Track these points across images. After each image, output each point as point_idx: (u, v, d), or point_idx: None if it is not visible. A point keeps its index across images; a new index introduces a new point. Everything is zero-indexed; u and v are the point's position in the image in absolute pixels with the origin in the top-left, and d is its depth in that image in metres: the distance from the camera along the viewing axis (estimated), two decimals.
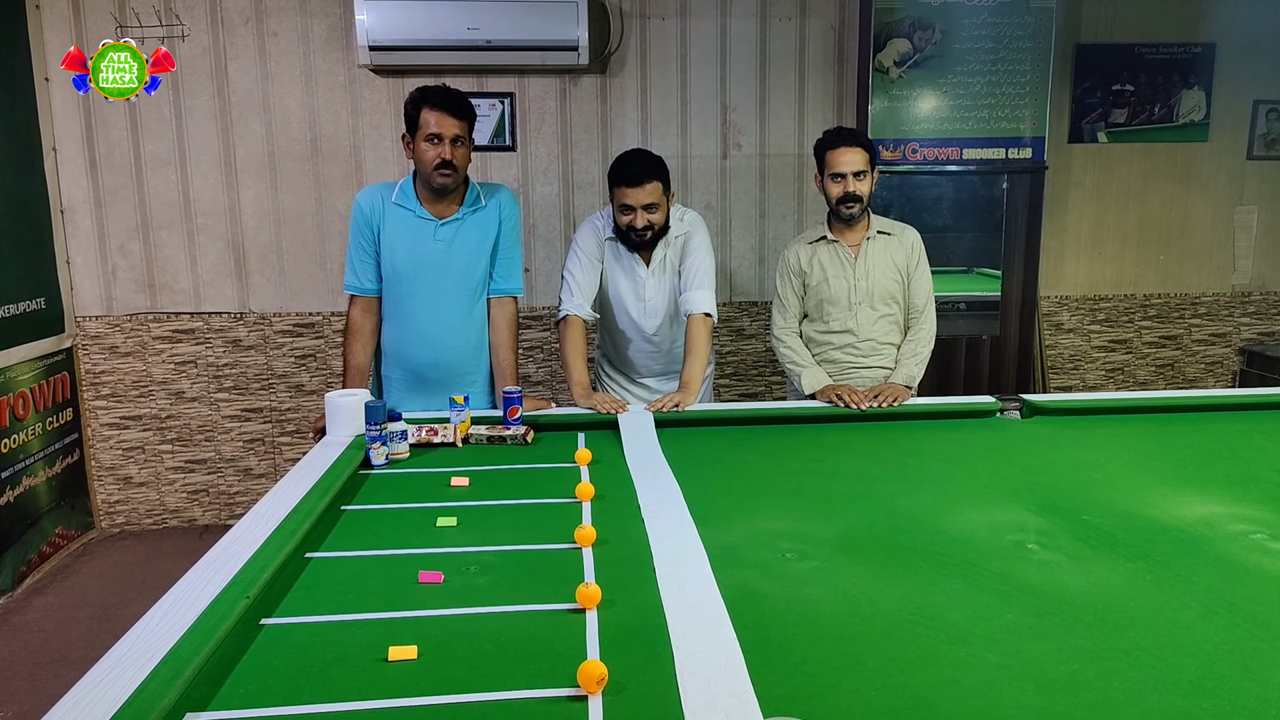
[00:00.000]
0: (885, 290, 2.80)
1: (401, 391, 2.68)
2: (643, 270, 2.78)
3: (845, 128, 2.83)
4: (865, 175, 2.71)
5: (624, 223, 2.67)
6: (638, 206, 2.62)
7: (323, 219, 3.97)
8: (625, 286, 2.80)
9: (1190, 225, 4.34)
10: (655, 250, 2.76)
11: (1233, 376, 4.49)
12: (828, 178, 2.74)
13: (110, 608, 3.36)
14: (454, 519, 1.75)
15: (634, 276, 2.79)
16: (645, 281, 2.78)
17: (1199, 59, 4.16)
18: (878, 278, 2.79)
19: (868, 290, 2.79)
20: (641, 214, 2.63)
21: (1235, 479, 2.01)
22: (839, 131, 2.78)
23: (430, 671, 1.19)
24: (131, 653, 1.17)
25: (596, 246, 2.78)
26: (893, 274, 2.80)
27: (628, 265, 2.79)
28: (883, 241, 2.82)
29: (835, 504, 1.88)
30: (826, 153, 2.72)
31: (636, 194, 2.61)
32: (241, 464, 4.13)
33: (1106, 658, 1.22)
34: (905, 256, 2.82)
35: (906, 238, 2.84)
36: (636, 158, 2.66)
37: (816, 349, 2.86)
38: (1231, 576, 1.49)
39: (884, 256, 2.80)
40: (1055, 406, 2.60)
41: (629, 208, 2.63)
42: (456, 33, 3.64)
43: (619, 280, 2.80)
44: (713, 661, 1.17)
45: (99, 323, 3.97)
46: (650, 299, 2.80)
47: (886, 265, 2.80)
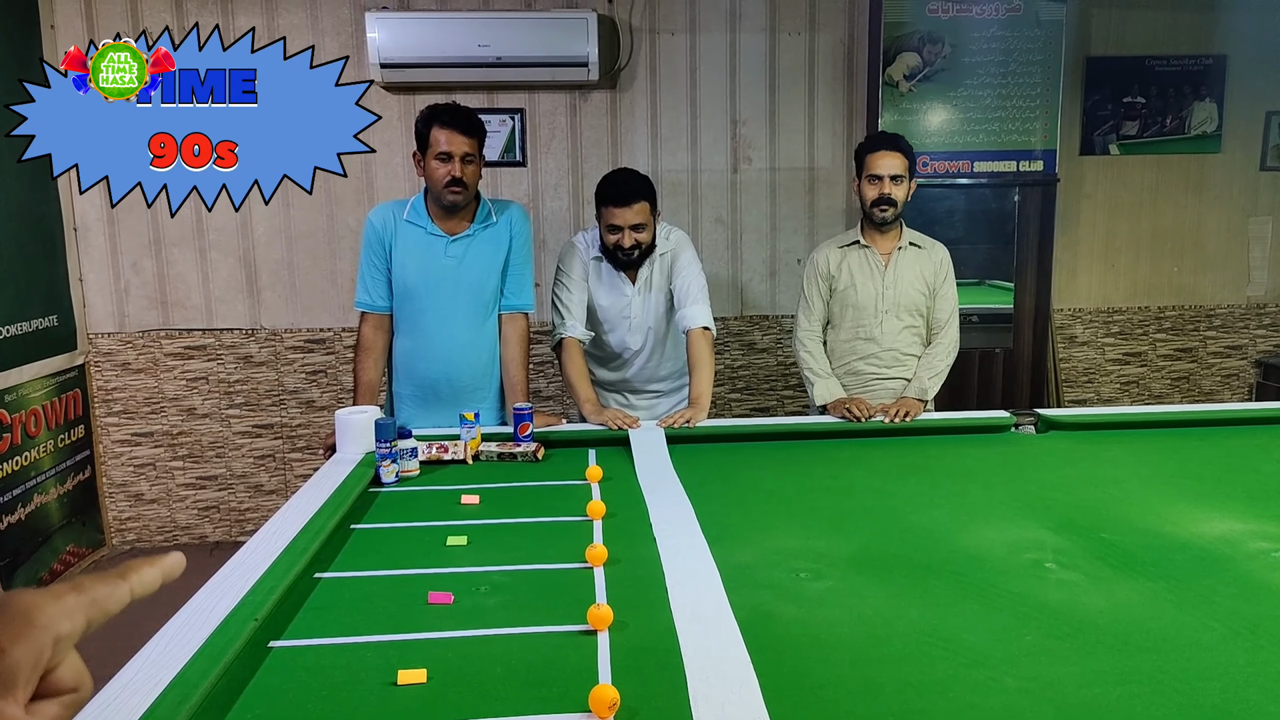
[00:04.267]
0: (911, 302, 2.78)
1: (413, 408, 2.68)
2: (629, 289, 2.77)
3: (887, 133, 2.82)
4: (902, 180, 2.70)
5: (611, 242, 2.67)
6: (625, 226, 2.62)
7: (334, 235, 3.98)
8: (611, 306, 2.80)
9: (1204, 237, 4.30)
10: (641, 269, 2.76)
11: (1249, 389, 4.44)
12: (865, 180, 2.73)
13: (119, 625, 3.30)
14: (464, 538, 1.74)
15: (620, 296, 2.79)
16: (631, 300, 2.78)
17: (1210, 71, 4.14)
18: (905, 289, 2.78)
19: (894, 299, 2.77)
20: (629, 234, 2.63)
21: (1256, 495, 1.98)
22: (880, 135, 2.79)
23: (439, 695, 1.17)
24: (139, 676, 1.15)
25: (581, 268, 2.78)
26: (920, 286, 2.79)
27: (613, 285, 2.79)
28: (913, 254, 2.80)
29: (849, 521, 1.86)
30: (866, 156, 2.72)
31: (624, 214, 2.61)
32: (252, 480, 4.13)
33: (1129, 681, 1.19)
34: (934, 271, 2.80)
35: (936, 253, 2.83)
36: (624, 178, 2.66)
37: (839, 361, 2.84)
38: (1254, 596, 1.46)
39: (913, 269, 2.79)
40: (1071, 421, 2.57)
41: (617, 228, 2.63)
42: (467, 50, 3.65)
43: (604, 300, 2.80)
44: (727, 686, 1.15)
45: (111, 339, 3.99)
46: (636, 317, 2.79)
47: (915, 277, 2.79)
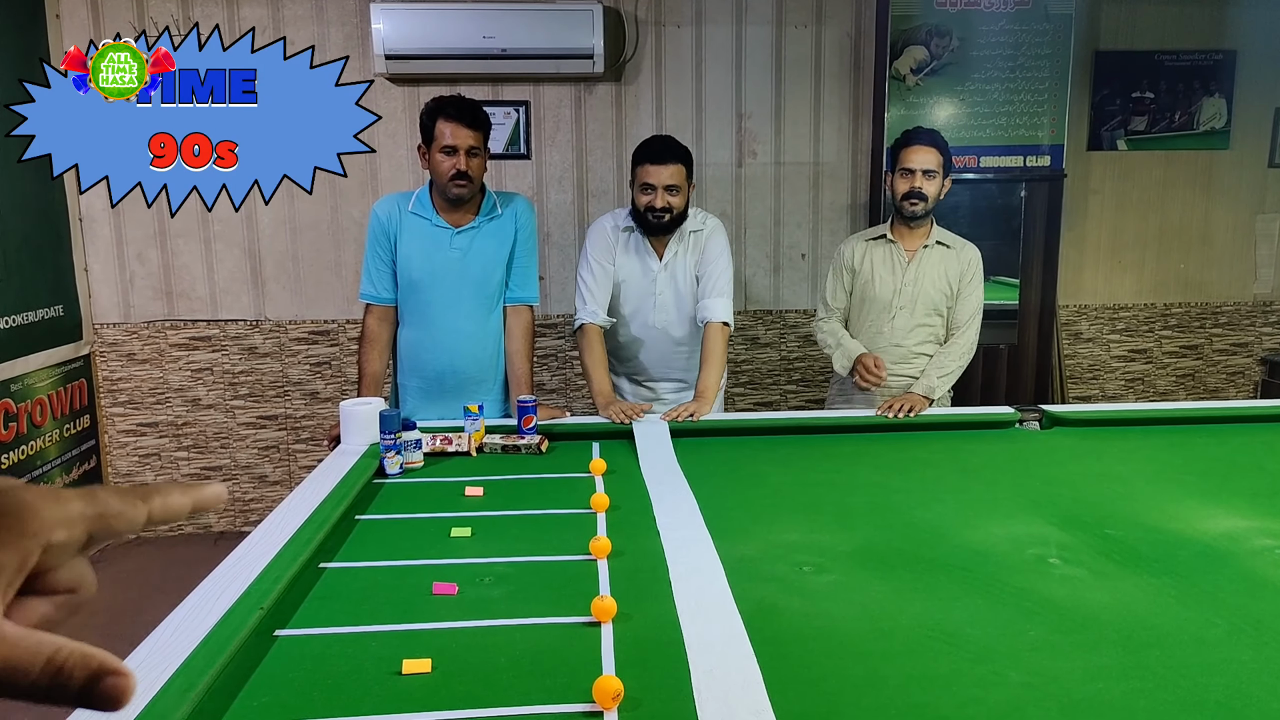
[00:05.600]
0: (930, 300, 2.77)
1: (418, 399, 2.68)
2: (655, 263, 2.75)
3: (924, 128, 2.81)
4: (935, 175, 2.68)
5: (643, 202, 2.64)
6: (659, 186, 2.60)
7: (338, 227, 3.98)
8: (637, 281, 2.76)
9: (1211, 234, 4.29)
10: (669, 244, 2.73)
11: (1255, 387, 4.43)
12: (898, 174, 2.72)
13: (123, 615, 3.33)
14: (468, 529, 1.75)
15: (646, 269, 2.75)
16: (657, 275, 2.75)
17: (1220, 66, 4.12)
18: (925, 287, 2.76)
19: (912, 296, 2.76)
20: (662, 194, 2.61)
21: (1260, 492, 1.98)
22: (916, 130, 2.78)
23: (444, 685, 1.18)
24: (144, 666, 1.16)
25: (607, 248, 2.75)
26: (942, 286, 2.77)
27: (641, 257, 2.75)
28: (940, 253, 2.78)
29: (853, 516, 1.86)
30: (902, 150, 2.72)
31: (659, 172, 2.60)
32: (256, 471, 4.14)
33: (1132, 677, 1.19)
34: (960, 272, 2.77)
35: (965, 254, 2.80)
36: (664, 140, 2.67)
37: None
38: (1258, 593, 1.46)
39: (938, 267, 2.77)
40: (1075, 417, 2.56)
41: (650, 187, 2.61)
42: (472, 41, 3.65)
43: (631, 273, 2.76)
44: (730, 678, 1.16)
45: (116, 330, 3.99)
46: (661, 293, 2.76)
47: (938, 276, 2.77)
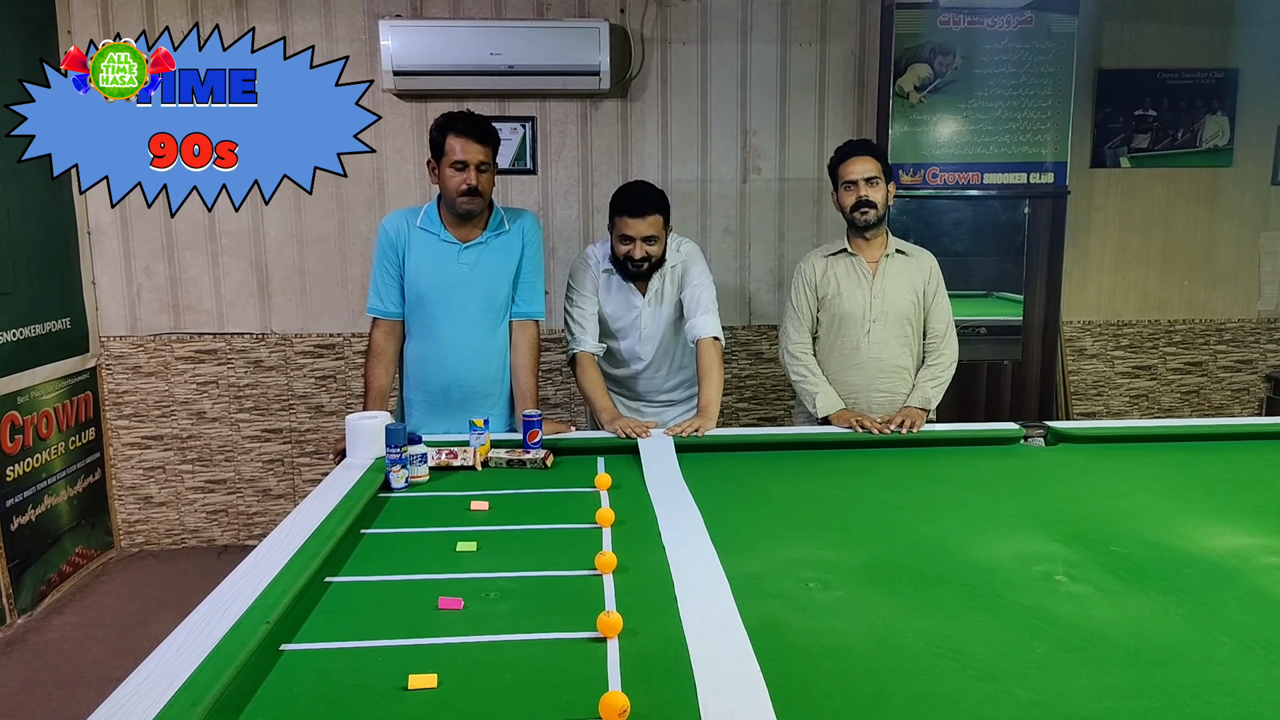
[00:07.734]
0: (900, 311, 2.78)
1: (423, 413, 2.69)
2: (639, 300, 2.79)
3: (855, 140, 2.83)
4: (878, 182, 2.71)
5: (622, 253, 2.68)
6: (637, 238, 2.64)
7: (345, 241, 4.00)
8: (622, 317, 2.81)
9: (1215, 251, 4.30)
10: (651, 281, 2.77)
11: (1259, 404, 4.42)
12: (841, 189, 2.75)
13: (129, 628, 3.36)
14: (474, 544, 1.75)
15: (630, 308, 2.80)
16: (641, 312, 2.79)
17: (1222, 84, 4.14)
18: (893, 297, 2.77)
19: (883, 308, 2.77)
20: (640, 245, 2.65)
21: (1267, 510, 1.97)
22: (848, 144, 2.80)
23: (450, 701, 1.18)
24: (150, 679, 1.16)
25: (590, 282, 2.79)
26: (909, 295, 2.78)
27: (624, 296, 2.80)
28: (900, 261, 2.80)
29: (858, 532, 1.85)
30: (838, 166, 2.75)
31: (637, 225, 2.63)
32: (261, 484, 4.14)
33: (1141, 695, 1.19)
34: (924, 280, 2.80)
35: (924, 261, 2.83)
36: (639, 190, 2.68)
37: (826, 372, 2.81)
38: (1266, 611, 1.45)
39: (902, 277, 2.79)
40: (1081, 434, 2.56)
41: (628, 238, 2.65)
42: (479, 58, 3.67)
43: (615, 311, 2.81)
44: (736, 695, 1.15)
45: (123, 343, 4.01)
46: (646, 328, 2.80)
47: (904, 286, 2.78)
